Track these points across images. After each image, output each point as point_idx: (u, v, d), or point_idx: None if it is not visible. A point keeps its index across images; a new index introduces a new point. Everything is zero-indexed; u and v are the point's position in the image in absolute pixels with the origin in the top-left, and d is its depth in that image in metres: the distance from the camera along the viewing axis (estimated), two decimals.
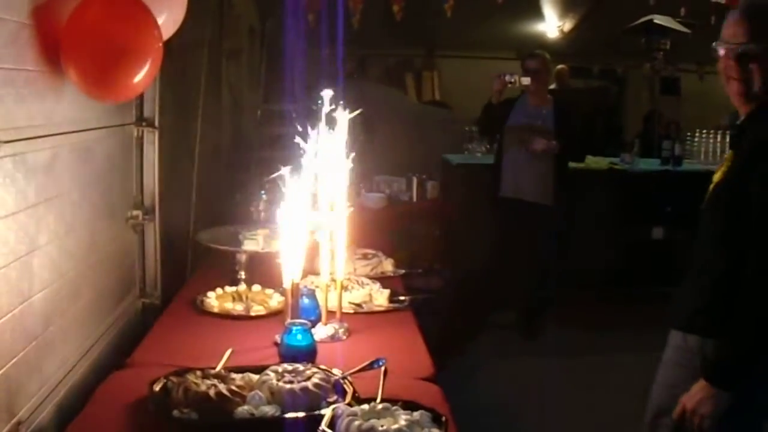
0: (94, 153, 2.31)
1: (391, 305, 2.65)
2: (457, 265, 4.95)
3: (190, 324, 2.44)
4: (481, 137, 5.34)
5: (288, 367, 1.94)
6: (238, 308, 2.53)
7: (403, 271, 3.07)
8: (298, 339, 2.13)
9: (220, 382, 1.84)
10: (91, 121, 2.25)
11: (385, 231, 4.06)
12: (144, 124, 2.71)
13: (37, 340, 1.89)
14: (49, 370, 1.97)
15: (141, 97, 2.70)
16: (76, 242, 2.15)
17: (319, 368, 1.96)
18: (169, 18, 2.19)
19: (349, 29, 5.71)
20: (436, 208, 4.97)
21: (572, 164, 4.88)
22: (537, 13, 7.07)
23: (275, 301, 2.58)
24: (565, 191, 4.69)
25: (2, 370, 1.70)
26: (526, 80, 4.62)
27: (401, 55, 7.22)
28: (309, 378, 1.87)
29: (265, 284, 2.71)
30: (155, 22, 2.01)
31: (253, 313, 2.52)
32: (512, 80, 4.60)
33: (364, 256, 3.07)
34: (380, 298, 2.65)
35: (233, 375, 1.91)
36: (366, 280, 2.76)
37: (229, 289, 2.67)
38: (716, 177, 1.95)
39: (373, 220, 4.29)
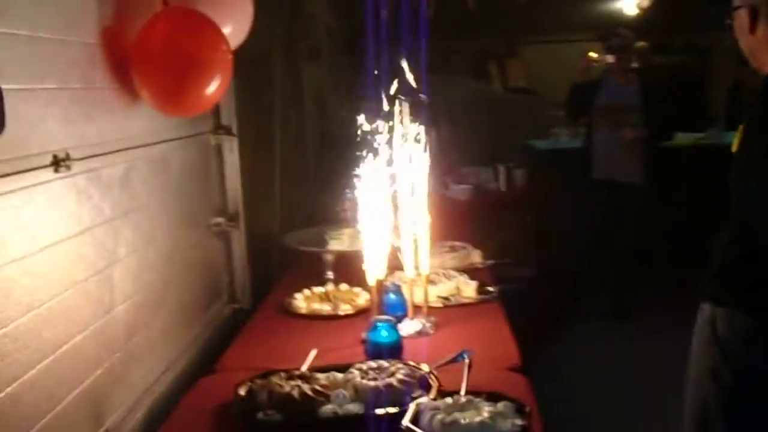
0: (171, 164, 2.32)
1: (480, 297, 2.56)
2: (548, 253, 4.80)
3: (277, 327, 2.42)
4: (569, 120, 5.18)
5: (373, 364, 1.89)
6: (326, 308, 2.50)
7: (492, 261, 2.96)
8: (384, 335, 2.07)
9: (304, 383, 1.80)
10: (167, 133, 2.27)
11: (473, 222, 3.96)
12: (221, 132, 2.71)
13: (121, 351, 1.91)
14: (135, 380, 1.98)
15: (217, 105, 2.72)
16: (156, 253, 2.17)
17: (404, 364, 1.90)
18: (235, 28, 2.19)
19: (428, 21, 5.64)
20: (525, 196, 4.84)
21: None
22: None
23: (363, 299, 2.53)
24: (655, 169, 4.55)
25: (88, 381, 1.73)
26: (610, 58, 4.47)
27: (484, 44, 7.09)
28: (393, 374, 1.82)
29: (352, 283, 2.66)
30: (222, 34, 2.00)
31: (340, 313, 2.48)
32: (597, 58, 4.45)
33: (452, 249, 2.98)
34: (468, 290, 2.57)
35: (317, 375, 1.87)
36: (454, 273, 2.67)
37: (316, 289, 2.64)
38: (734, 148, 1.79)
39: (461, 212, 4.20)
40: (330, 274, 2.75)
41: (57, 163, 1.63)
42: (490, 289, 2.61)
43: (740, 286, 1.75)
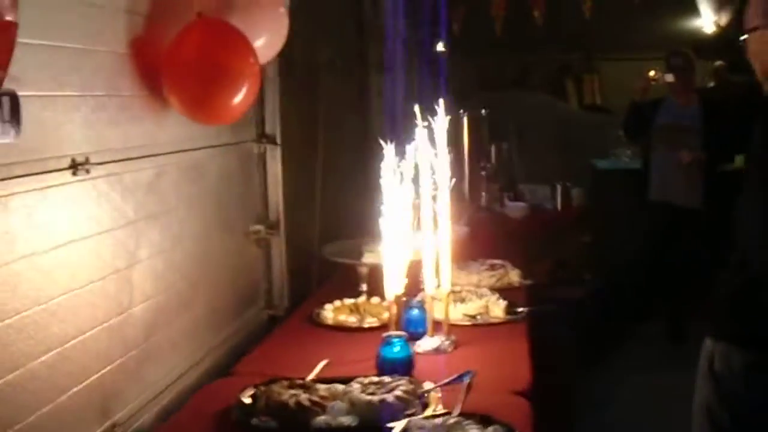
0: (207, 170, 2.39)
1: (508, 317, 2.52)
2: (604, 273, 4.68)
3: (302, 335, 2.46)
4: (627, 140, 5.06)
5: (375, 378, 1.90)
6: (351, 320, 2.51)
7: (529, 281, 2.91)
8: (395, 351, 2.07)
9: (303, 392, 1.82)
10: (203, 141, 2.35)
11: (527, 241, 3.90)
12: (265, 141, 2.77)
13: (137, 349, 1.98)
14: (152, 378, 2.05)
15: (262, 114, 2.79)
16: (183, 256, 2.23)
17: (408, 380, 1.89)
18: (269, 41, 2.24)
19: (507, 35, 5.63)
20: (582, 216, 4.73)
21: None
22: (691, 9, 6.60)
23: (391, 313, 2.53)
24: (714, 193, 4.37)
25: (97, 375, 1.79)
26: (669, 77, 4.35)
27: (561, 60, 6.99)
28: (392, 390, 1.81)
29: (385, 296, 2.66)
30: (251, 47, 2.05)
31: (365, 325, 2.49)
32: (656, 77, 4.34)
33: (491, 267, 2.95)
34: (497, 309, 2.53)
35: (319, 385, 1.88)
36: (486, 291, 2.64)
37: (348, 301, 2.66)
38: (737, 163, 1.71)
39: (516, 230, 4.15)
40: (364, 287, 2.76)
41: (75, 167, 1.71)
42: (520, 309, 2.56)
43: (740, 319, 1.67)
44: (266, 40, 2.21)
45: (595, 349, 4.05)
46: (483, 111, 4.72)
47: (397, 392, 1.80)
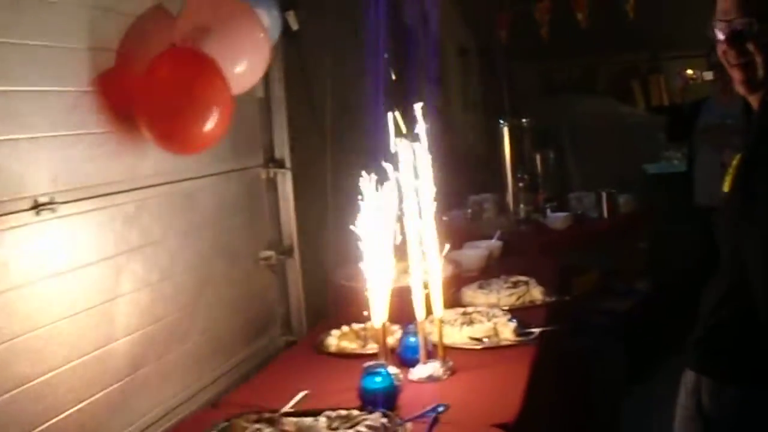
0: (200, 200, 2.41)
1: (517, 339, 2.42)
2: (657, 281, 4.44)
3: (302, 364, 2.44)
4: (669, 142, 4.79)
5: (343, 412, 1.85)
6: (352, 347, 2.47)
7: (552, 299, 2.79)
8: (376, 381, 2.01)
9: (267, 426, 1.80)
10: (192, 171, 2.36)
11: (571, 252, 3.75)
12: (272, 165, 2.78)
13: (123, 381, 2.00)
14: (141, 409, 2.07)
15: (270, 138, 2.80)
16: (176, 288, 2.26)
17: (380, 413, 1.84)
18: (250, 66, 2.23)
19: (570, 38, 5.47)
20: (632, 223, 4.50)
21: None
22: None
23: (394, 338, 2.47)
24: None
25: (76, 408, 1.82)
26: (708, 75, 4.09)
27: (627, 62, 6.71)
28: (356, 425, 1.76)
29: (396, 320, 2.61)
30: (221, 74, 2.05)
31: (368, 351, 2.44)
32: (694, 76, 4.09)
33: (513, 285, 2.84)
34: (506, 331, 2.44)
35: (286, 419, 1.85)
36: (497, 312, 2.55)
37: (356, 326, 2.61)
38: (726, 187, 1.52)
39: (557, 241, 4.00)
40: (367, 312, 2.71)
41: (37, 207, 1.76)
42: (531, 330, 2.45)
43: (731, 352, 1.52)
44: (246, 67, 2.21)
45: (645, 362, 3.84)
46: (524, 120, 4.59)
47: (361, 428, 1.75)
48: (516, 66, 6.34)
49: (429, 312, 2.29)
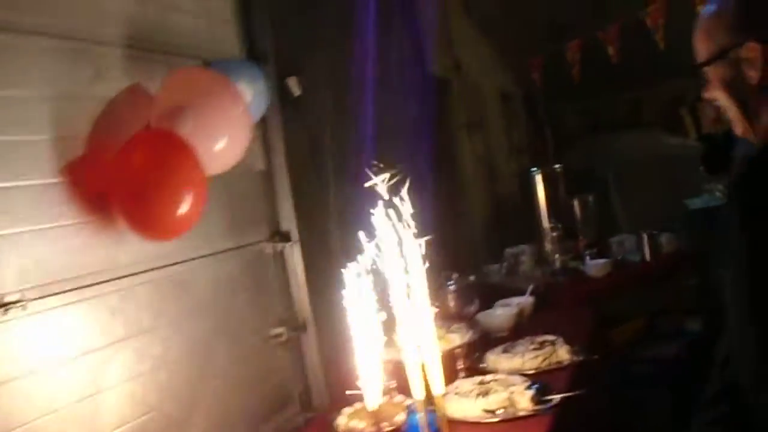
0: (194, 283, 2.38)
1: (534, 408, 2.27)
2: (706, 321, 4.15)
3: None
4: (707, 175, 4.50)
5: None
6: (360, 426, 2.36)
7: (580, 358, 2.62)
8: None
9: None
10: (181, 254, 2.33)
11: (614, 299, 3.56)
12: (278, 239, 2.74)
13: None
14: None
15: (275, 212, 2.76)
16: (171, 376, 2.22)
17: None
18: (230, 143, 2.21)
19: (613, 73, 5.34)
20: (673, 264, 4.24)
21: None
22: None
23: (402, 415, 2.36)
24: None
25: None
26: None
27: (674, 90, 6.46)
28: None
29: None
30: (193, 156, 2.03)
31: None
32: None
33: (540, 346, 2.70)
34: (523, 400, 2.29)
35: None
36: (516, 380, 2.40)
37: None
38: None
39: (597, 290, 3.80)
40: (391, 383, 2.60)
41: (4, 306, 1.75)
42: (550, 398, 2.30)
43: None
44: (226, 144, 2.18)
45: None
46: (557, 166, 4.45)
47: None
48: (560, 107, 6.20)
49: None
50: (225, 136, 2.19)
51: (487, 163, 5.40)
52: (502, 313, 3.15)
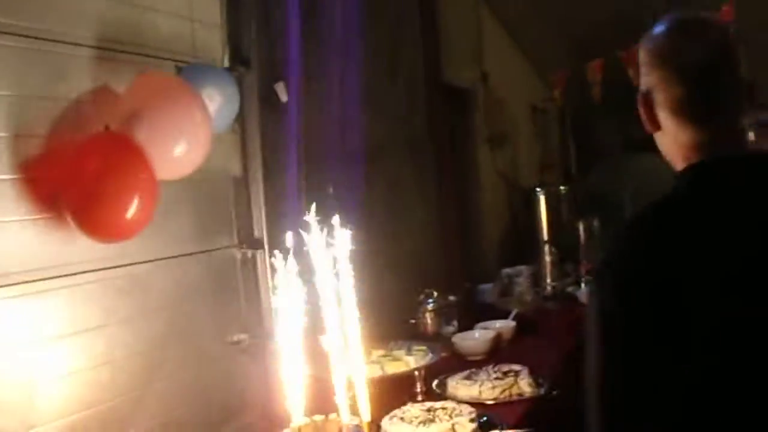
0: (153, 283, 2.45)
1: None
2: None
3: None
4: None
5: None
6: None
7: (541, 392, 2.62)
8: None
9: None
10: (138, 255, 2.40)
11: None
12: (245, 246, 2.79)
13: None
14: None
15: (248, 218, 2.82)
16: (113, 374, 2.29)
17: None
18: (188, 149, 2.27)
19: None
20: None
21: None
22: None
23: None
24: None
25: None
26: (750, 135, 3.75)
27: None
28: None
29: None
30: (145, 160, 2.11)
31: None
32: None
33: (503, 375, 2.70)
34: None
35: None
36: (463, 409, 2.41)
37: (317, 417, 2.55)
38: None
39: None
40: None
41: None
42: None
43: None
44: (185, 150, 2.25)
45: None
46: (562, 188, 4.41)
47: None
48: (595, 123, 6.13)
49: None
50: (183, 141, 2.25)
51: (510, 179, 5.37)
52: (478, 337, 3.15)
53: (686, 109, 1.37)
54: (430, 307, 3.23)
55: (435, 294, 3.27)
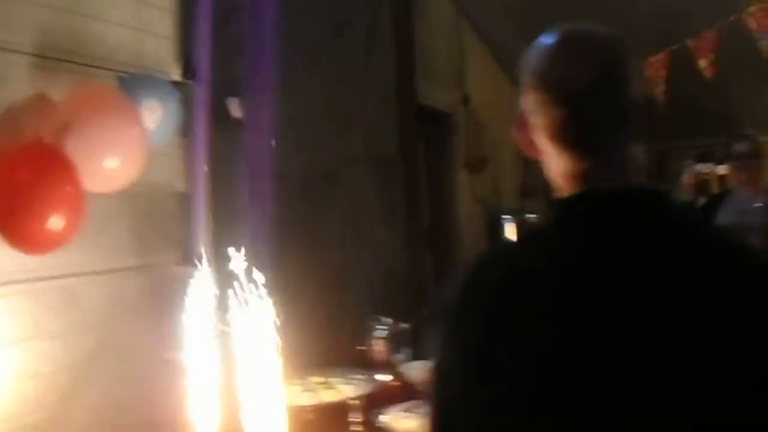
0: (85, 297, 2.47)
1: None
2: None
3: None
4: None
5: None
6: None
7: None
8: None
9: None
10: (76, 267, 2.42)
11: None
12: (189, 262, 2.80)
13: None
14: None
15: (191, 234, 2.83)
16: (39, 388, 2.32)
17: None
18: (123, 162, 2.30)
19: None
20: None
21: None
22: None
23: None
24: None
25: None
26: (722, 169, 3.81)
27: (704, 146, 6.34)
28: None
29: None
30: (72, 172, 2.13)
31: None
32: (706, 171, 3.83)
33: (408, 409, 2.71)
34: None
35: None
36: None
37: None
38: None
39: None
40: None
41: None
42: None
43: None
44: (119, 163, 2.28)
45: None
46: (531, 216, 4.41)
47: None
48: None
49: None
50: (115, 154, 2.28)
51: (488, 204, 5.38)
52: (425, 366, 3.15)
53: (564, 134, 1.23)
54: (379, 334, 3.22)
55: (389, 321, 3.27)
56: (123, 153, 2.30)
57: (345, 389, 2.69)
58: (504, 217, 4.34)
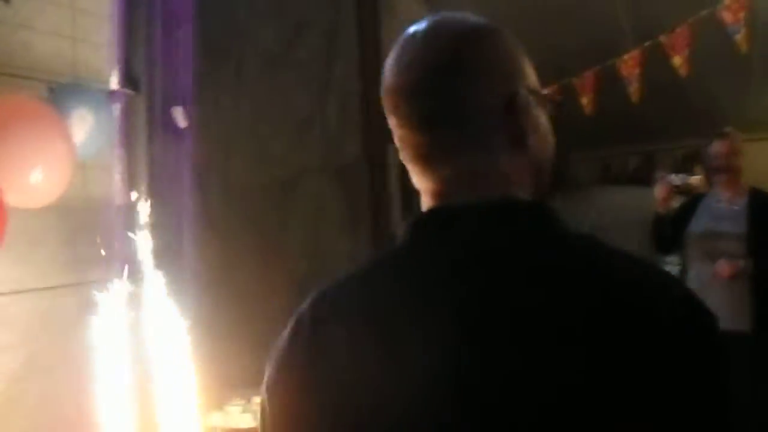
0: (9, 316, 2.46)
1: None
2: None
3: None
4: (657, 254, 4.32)
5: None
6: None
7: None
8: None
9: None
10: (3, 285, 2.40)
11: None
12: (132, 279, 2.79)
13: None
14: None
15: (131, 251, 2.82)
16: None
17: None
18: (47, 177, 2.28)
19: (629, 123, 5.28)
20: None
21: None
22: None
23: None
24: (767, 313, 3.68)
25: None
26: (696, 179, 3.77)
27: (690, 146, 6.31)
28: None
29: None
30: None
31: None
32: (678, 183, 3.78)
33: None
34: None
35: None
36: None
37: None
38: None
39: None
40: None
41: None
42: None
43: None
44: (44, 177, 2.26)
45: None
46: None
47: None
48: (572, 155, 6.12)
49: None
50: (38, 168, 2.26)
51: None
52: None
53: (404, 147, 1.08)
54: None
55: None
56: (47, 166, 2.28)
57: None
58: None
